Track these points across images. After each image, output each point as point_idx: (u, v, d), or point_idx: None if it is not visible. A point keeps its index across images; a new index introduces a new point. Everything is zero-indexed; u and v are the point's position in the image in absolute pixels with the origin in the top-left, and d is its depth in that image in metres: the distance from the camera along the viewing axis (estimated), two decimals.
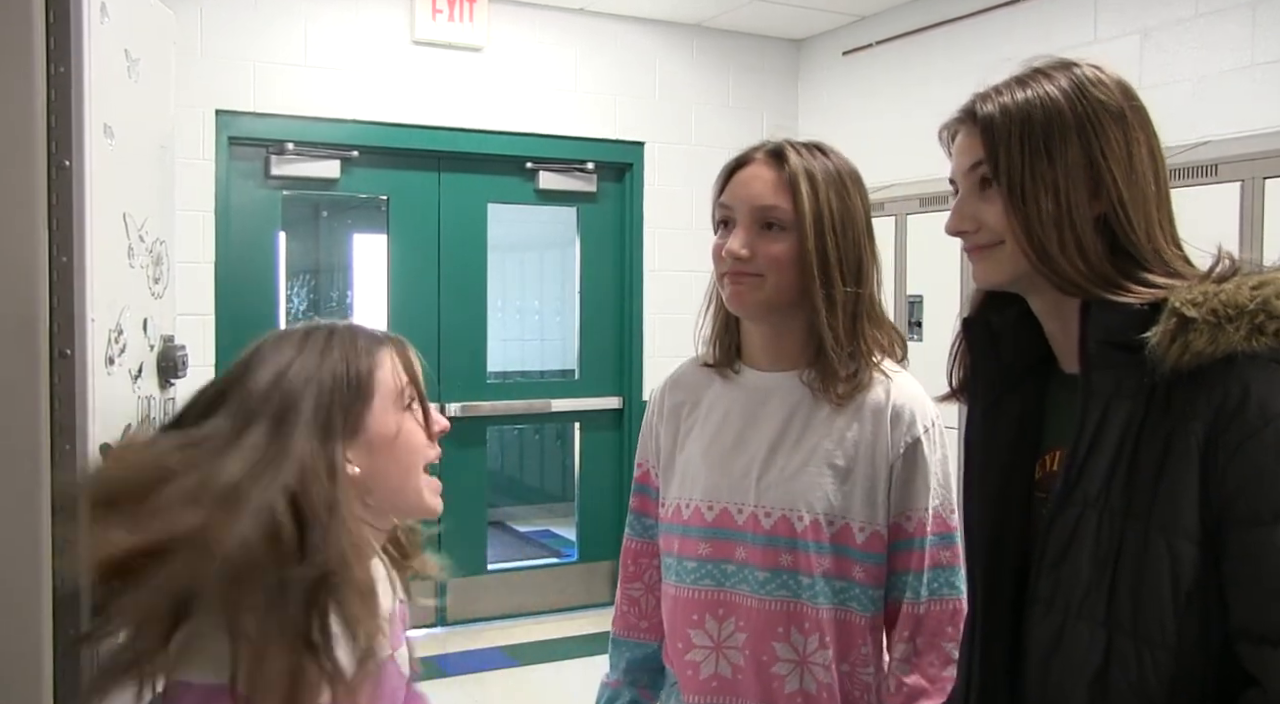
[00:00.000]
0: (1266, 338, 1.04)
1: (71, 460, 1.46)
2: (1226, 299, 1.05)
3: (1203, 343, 1.04)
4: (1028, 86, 1.17)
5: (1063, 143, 1.14)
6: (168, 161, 1.87)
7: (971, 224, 1.21)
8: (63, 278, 1.45)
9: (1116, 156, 1.14)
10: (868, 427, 1.49)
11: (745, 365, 1.59)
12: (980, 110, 1.19)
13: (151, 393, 1.74)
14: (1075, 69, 1.18)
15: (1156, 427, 1.08)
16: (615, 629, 1.72)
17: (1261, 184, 3.16)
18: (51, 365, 1.45)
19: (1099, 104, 1.15)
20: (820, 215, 1.48)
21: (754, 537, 1.51)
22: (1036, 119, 1.15)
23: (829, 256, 1.48)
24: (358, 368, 1.22)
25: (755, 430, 1.54)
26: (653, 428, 1.68)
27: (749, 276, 1.50)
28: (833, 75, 5.36)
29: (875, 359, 1.52)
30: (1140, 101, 1.18)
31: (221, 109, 4.41)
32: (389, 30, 4.70)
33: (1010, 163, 1.15)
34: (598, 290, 5.33)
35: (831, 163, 1.53)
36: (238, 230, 4.53)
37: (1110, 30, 4.03)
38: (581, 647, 4.70)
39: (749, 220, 1.51)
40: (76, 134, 1.45)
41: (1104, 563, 1.09)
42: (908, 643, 1.48)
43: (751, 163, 1.55)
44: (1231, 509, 1.03)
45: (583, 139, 5.14)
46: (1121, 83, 1.18)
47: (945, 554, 1.49)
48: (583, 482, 5.38)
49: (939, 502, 1.49)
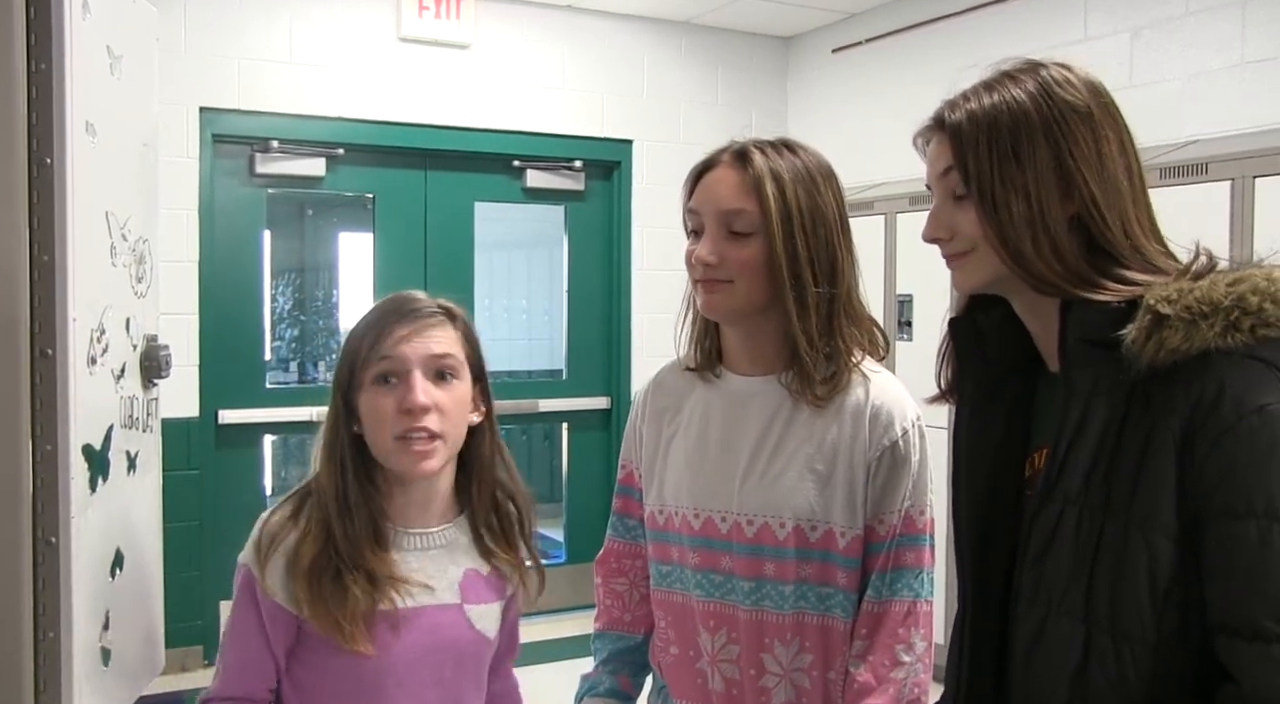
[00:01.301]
0: (1241, 334, 1.05)
1: (53, 461, 1.46)
2: (1201, 296, 1.06)
3: (1178, 340, 1.05)
4: (994, 91, 1.18)
5: (1031, 146, 1.15)
6: (151, 159, 1.87)
7: (946, 232, 1.22)
8: (44, 277, 1.45)
9: (1085, 156, 1.14)
10: (847, 428, 1.48)
11: (726, 369, 1.58)
12: (948, 118, 1.20)
13: (134, 393, 1.73)
14: (1042, 71, 1.18)
15: (1136, 423, 1.09)
16: (598, 625, 1.71)
17: (1251, 183, 3.16)
18: (32, 365, 1.44)
19: (1065, 105, 1.15)
20: (788, 216, 1.45)
21: (738, 546, 1.49)
22: (1003, 124, 1.16)
23: (799, 258, 1.45)
24: (361, 340, 1.47)
25: (737, 436, 1.53)
26: (636, 430, 1.67)
27: (719, 283, 1.48)
28: (822, 73, 5.36)
29: (855, 359, 1.50)
30: (1110, 98, 1.19)
31: (205, 106, 4.38)
32: (375, 27, 4.67)
33: (980, 169, 1.16)
34: (585, 290, 5.31)
35: (800, 160, 1.50)
36: (222, 229, 4.50)
37: (1100, 28, 4.04)
38: (570, 648, 4.67)
39: (716, 226, 1.49)
40: (58, 132, 1.45)
41: (1083, 559, 1.10)
42: (864, 640, 1.46)
43: (717, 166, 1.53)
44: (1208, 503, 1.04)
45: (570, 137, 5.12)
46: (1090, 81, 1.18)
47: (910, 555, 1.47)
48: (570, 482, 5.37)
49: (910, 503, 1.47)
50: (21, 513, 1.43)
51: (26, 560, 1.44)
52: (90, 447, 1.54)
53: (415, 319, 1.48)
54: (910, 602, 1.45)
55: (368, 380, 1.45)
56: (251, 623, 1.42)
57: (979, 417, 1.29)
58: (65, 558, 1.47)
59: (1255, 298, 1.06)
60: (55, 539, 1.46)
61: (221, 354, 4.38)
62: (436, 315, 1.50)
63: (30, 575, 1.44)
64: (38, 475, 1.45)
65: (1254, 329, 1.05)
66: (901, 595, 1.45)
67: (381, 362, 1.45)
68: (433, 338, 1.47)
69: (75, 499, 1.48)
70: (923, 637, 1.46)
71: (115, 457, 1.64)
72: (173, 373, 1.85)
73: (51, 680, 1.47)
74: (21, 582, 1.43)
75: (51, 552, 1.46)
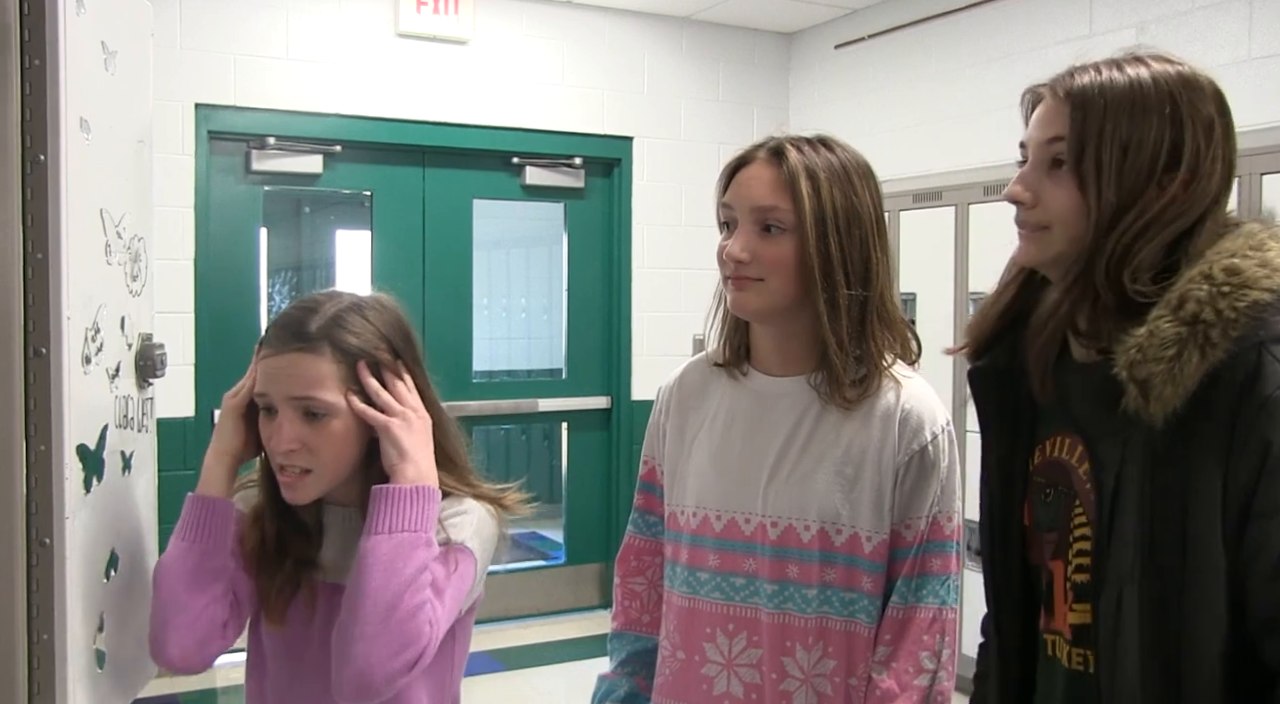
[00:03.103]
0: (1218, 349, 1.04)
1: (46, 462, 1.45)
2: (1160, 341, 1.06)
3: (1170, 390, 1.05)
4: (1124, 71, 1.15)
5: (1144, 139, 1.12)
6: (146, 156, 1.85)
7: (1030, 198, 1.19)
8: (38, 275, 1.43)
9: (1190, 165, 1.13)
10: (875, 432, 1.46)
11: (754, 368, 1.56)
12: (1075, 84, 1.16)
13: (129, 392, 1.72)
14: (1177, 67, 1.16)
15: (1173, 478, 1.08)
16: (616, 624, 1.69)
17: (1259, 180, 3.15)
18: (26, 364, 1.43)
19: (1194, 112, 1.13)
20: (822, 216, 1.43)
21: (762, 547, 1.48)
22: (1126, 109, 1.12)
23: (832, 258, 1.43)
24: (255, 352, 1.50)
25: (762, 436, 1.51)
26: (660, 426, 1.65)
27: (750, 281, 1.46)
28: (825, 69, 5.34)
29: (886, 362, 1.48)
30: (1231, 117, 1.17)
31: (201, 103, 4.36)
32: (373, 22, 4.65)
33: (1091, 148, 1.13)
34: (585, 288, 5.29)
35: (837, 158, 1.48)
36: (218, 227, 4.48)
37: (1106, 23, 4.02)
38: (569, 651, 4.67)
39: (749, 222, 1.47)
40: (52, 128, 1.43)
41: (1155, 638, 1.09)
42: (888, 646, 1.45)
43: (752, 162, 1.50)
44: (1249, 505, 1.04)
45: (570, 134, 5.10)
46: (1217, 92, 1.17)
47: (936, 562, 1.45)
48: (570, 483, 5.34)
49: (938, 509, 1.46)
50: (15, 514, 1.42)
51: (20, 562, 1.42)
52: (84, 447, 1.52)
53: (280, 348, 1.44)
54: (936, 608, 1.44)
55: None
56: None
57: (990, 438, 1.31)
58: (59, 559, 1.45)
59: (1204, 309, 1.05)
60: (49, 540, 1.45)
61: (217, 353, 4.36)
62: (299, 345, 1.43)
63: (24, 577, 1.43)
64: (31, 476, 1.43)
65: (1226, 331, 1.04)
66: (927, 602, 1.44)
67: (259, 393, 1.45)
68: (295, 376, 1.42)
69: (69, 500, 1.46)
70: (948, 644, 1.44)
71: (110, 457, 1.62)
72: (168, 372, 1.84)
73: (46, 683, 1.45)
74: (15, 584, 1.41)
75: (45, 553, 1.44)
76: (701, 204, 5.28)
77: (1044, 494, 1.23)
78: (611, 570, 1.73)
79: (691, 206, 5.24)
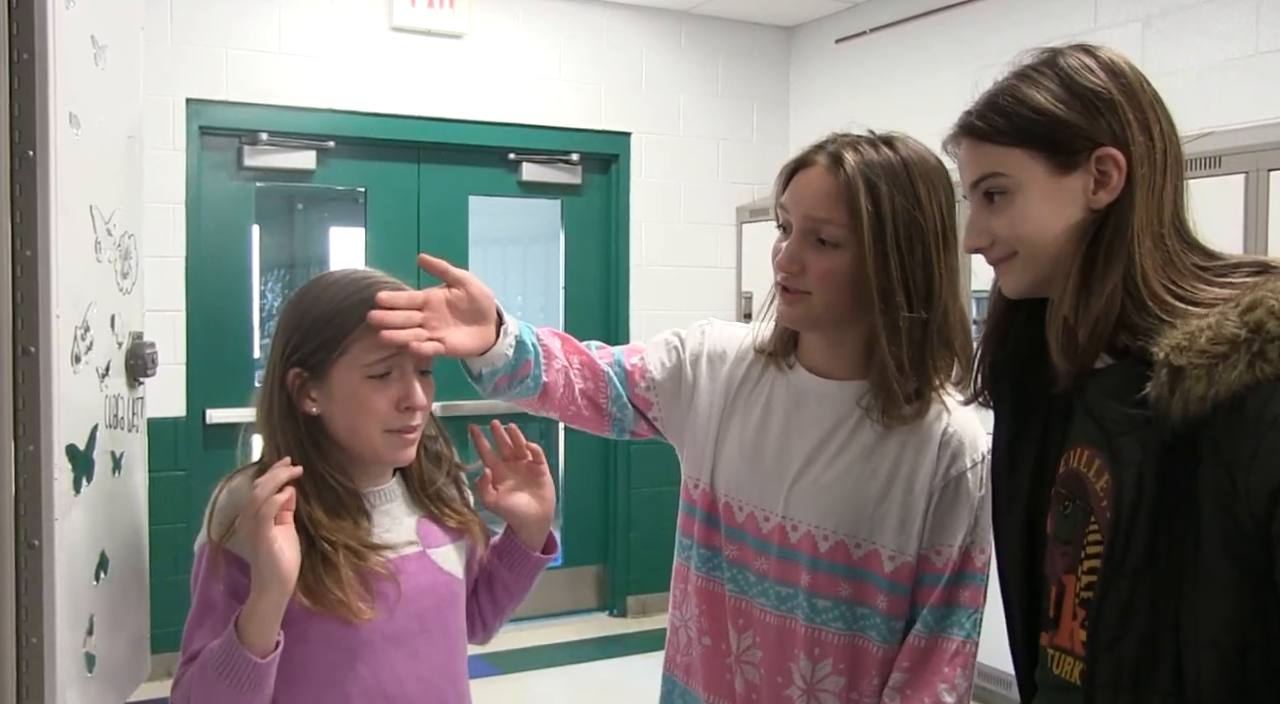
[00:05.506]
0: (1270, 365, 1.01)
1: (35, 462, 1.44)
2: (1214, 336, 1.03)
3: (1201, 388, 1.02)
4: (1016, 92, 1.17)
5: None
6: (136, 152, 1.84)
7: (985, 239, 1.21)
8: (26, 272, 1.42)
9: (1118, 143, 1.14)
10: (912, 452, 1.42)
11: (800, 363, 1.50)
12: (973, 124, 1.19)
13: (119, 392, 1.71)
14: (1060, 60, 1.17)
15: (1190, 481, 1.06)
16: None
17: (1266, 176, 3.13)
18: (14, 363, 1.42)
19: (1088, 93, 1.15)
20: (881, 233, 1.35)
21: (776, 548, 1.46)
22: (1030, 127, 1.15)
23: (891, 278, 1.35)
24: (342, 322, 1.46)
25: (796, 435, 1.47)
26: (680, 360, 1.57)
27: (797, 294, 1.41)
28: (825, 64, 5.32)
29: (937, 383, 1.42)
30: (1134, 77, 1.17)
31: (192, 98, 4.32)
32: (367, 16, 4.62)
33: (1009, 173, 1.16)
34: (582, 286, 5.27)
35: (903, 165, 1.37)
36: (209, 223, 4.44)
37: (1111, 18, 4.00)
38: (566, 654, 4.65)
39: (800, 231, 1.41)
40: (41, 123, 1.42)
41: (1164, 635, 1.08)
42: (905, 673, 1.42)
43: (810, 166, 1.42)
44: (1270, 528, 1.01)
45: (567, 129, 5.08)
46: (1111, 63, 1.17)
47: (966, 593, 1.42)
48: (568, 483, 5.30)
49: (971, 540, 1.43)
50: (3, 515, 1.41)
51: (9, 564, 1.41)
52: (74, 447, 1.51)
53: None
54: (960, 641, 1.41)
55: (356, 367, 1.44)
56: (216, 594, 1.41)
57: (1020, 440, 1.29)
58: (48, 561, 1.44)
59: (1274, 322, 1.02)
60: (38, 542, 1.44)
61: (209, 352, 4.34)
62: None
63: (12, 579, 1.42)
64: (20, 477, 1.42)
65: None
66: (952, 633, 1.41)
67: (379, 356, 1.45)
68: None
69: (59, 501, 1.45)
70: (965, 677, 1.42)
71: (100, 457, 1.61)
72: (159, 371, 1.84)
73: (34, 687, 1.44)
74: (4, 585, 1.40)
75: (34, 555, 1.44)
76: (701, 200, 5.27)
77: (1064, 506, 1.22)
78: (610, 572, 1.72)
79: (690, 203, 5.22)
